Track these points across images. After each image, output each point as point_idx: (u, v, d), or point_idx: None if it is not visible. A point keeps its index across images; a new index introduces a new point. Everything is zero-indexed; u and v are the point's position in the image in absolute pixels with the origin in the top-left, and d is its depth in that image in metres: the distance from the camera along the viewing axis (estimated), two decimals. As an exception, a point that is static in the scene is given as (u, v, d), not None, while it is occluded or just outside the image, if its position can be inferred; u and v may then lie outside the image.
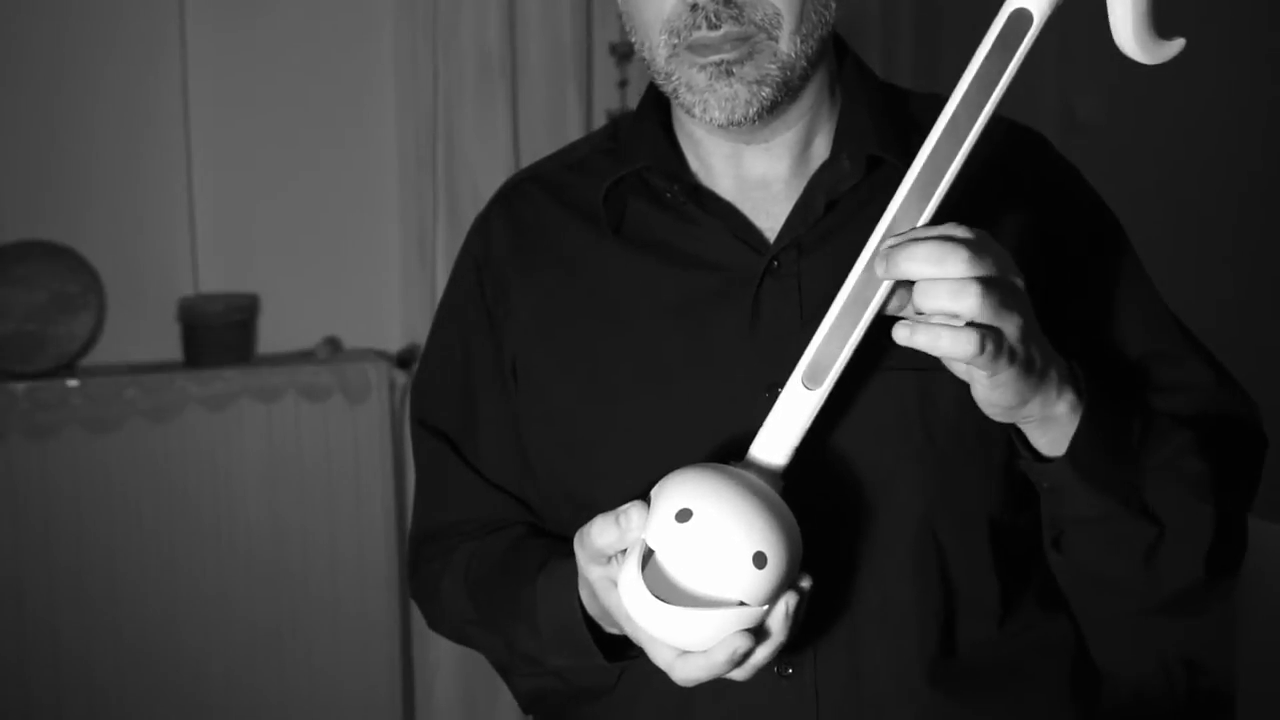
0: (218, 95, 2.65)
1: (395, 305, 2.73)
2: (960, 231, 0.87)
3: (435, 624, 1.23)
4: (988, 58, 0.88)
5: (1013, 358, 0.88)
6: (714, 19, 0.98)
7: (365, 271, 2.75)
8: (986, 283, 0.85)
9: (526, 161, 2.21)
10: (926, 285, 0.86)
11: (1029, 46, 0.88)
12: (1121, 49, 0.89)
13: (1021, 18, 0.88)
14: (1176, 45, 0.89)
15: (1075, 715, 1.13)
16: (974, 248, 0.85)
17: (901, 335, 0.87)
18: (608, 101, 2.74)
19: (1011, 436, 1.00)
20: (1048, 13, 0.88)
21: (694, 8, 0.98)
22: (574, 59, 2.66)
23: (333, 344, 2.72)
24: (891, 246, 0.87)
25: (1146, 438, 1.01)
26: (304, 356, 2.69)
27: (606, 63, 2.73)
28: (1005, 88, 0.89)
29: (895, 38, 2.88)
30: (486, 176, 2.60)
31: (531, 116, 2.67)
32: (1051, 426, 0.96)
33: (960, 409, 0.97)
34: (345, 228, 2.74)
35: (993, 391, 0.91)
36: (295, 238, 2.72)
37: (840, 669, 1.04)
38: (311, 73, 2.69)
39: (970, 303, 0.85)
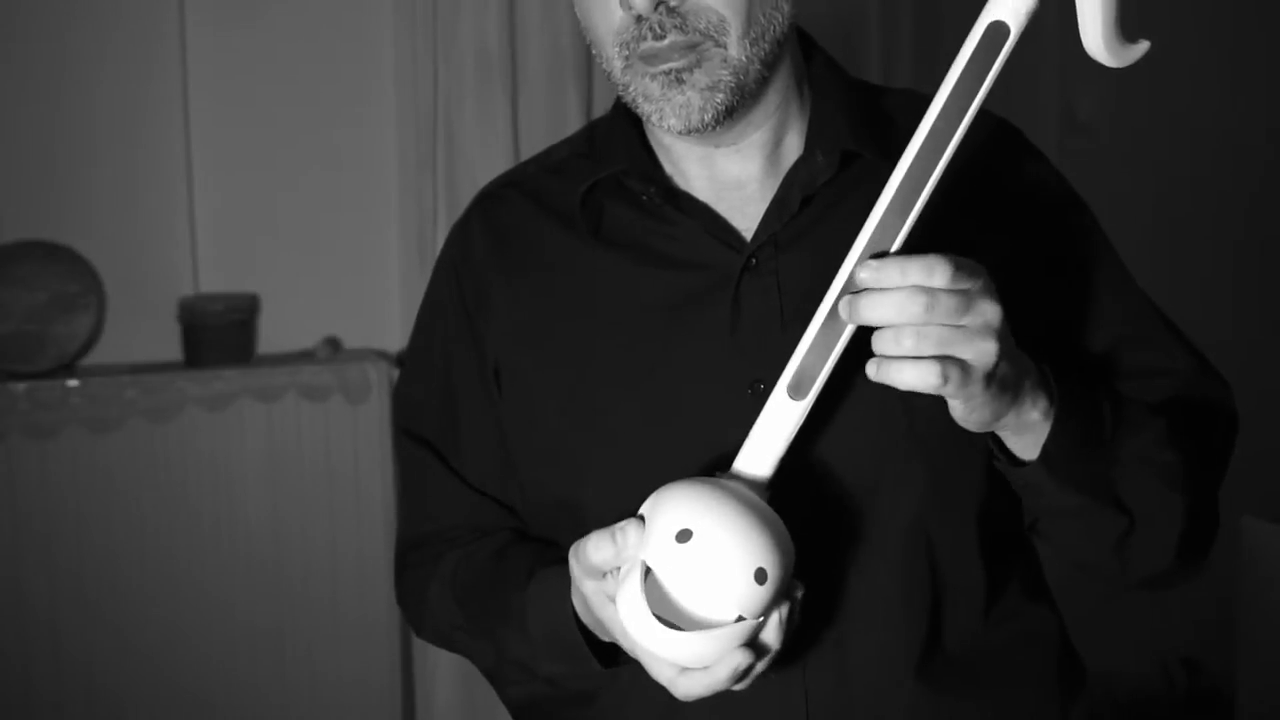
0: (218, 95, 2.65)
1: (395, 305, 2.73)
2: (934, 277, 0.87)
3: (420, 630, 1.24)
4: (965, 69, 0.89)
5: (987, 382, 0.89)
6: (659, 29, 0.98)
7: (365, 271, 2.75)
8: (946, 327, 0.87)
9: (526, 161, 2.21)
10: (886, 330, 0.88)
11: (1006, 57, 0.89)
12: (1090, 53, 0.89)
13: (998, 29, 0.88)
14: (1142, 48, 0.90)
15: (1061, 705, 1.14)
16: (936, 293, 0.86)
17: (871, 372, 0.89)
18: (608, 102, 2.71)
19: (987, 440, 1.01)
20: (1024, 24, 0.88)
21: (639, 19, 0.99)
22: (574, 59, 2.66)
23: (333, 344, 2.72)
24: (854, 294, 0.88)
25: (1119, 430, 1.02)
26: (304, 356, 2.69)
27: (606, 63, 2.73)
28: (983, 99, 0.89)
29: (895, 38, 2.88)
30: (486, 176, 2.55)
31: (531, 116, 2.66)
32: (1026, 432, 0.97)
33: (944, 406, 0.97)
34: (345, 228, 2.74)
35: (969, 413, 0.93)
36: (295, 238, 2.71)
37: (829, 667, 1.05)
38: (311, 73, 2.68)
39: (930, 344, 0.87)
